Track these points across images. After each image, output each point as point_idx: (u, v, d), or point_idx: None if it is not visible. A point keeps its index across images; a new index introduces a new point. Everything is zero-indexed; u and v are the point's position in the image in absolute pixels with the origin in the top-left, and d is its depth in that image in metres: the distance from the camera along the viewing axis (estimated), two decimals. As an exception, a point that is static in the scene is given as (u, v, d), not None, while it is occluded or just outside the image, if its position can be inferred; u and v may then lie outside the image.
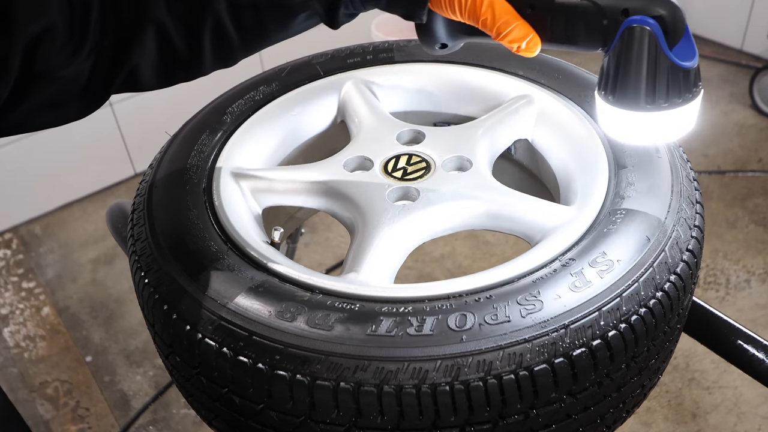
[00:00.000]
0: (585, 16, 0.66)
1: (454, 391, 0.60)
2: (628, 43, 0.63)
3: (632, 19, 0.63)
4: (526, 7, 0.69)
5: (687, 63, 0.64)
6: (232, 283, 0.70)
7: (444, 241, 2.36)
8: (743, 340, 0.83)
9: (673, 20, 0.62)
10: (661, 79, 0.63)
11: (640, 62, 0.63)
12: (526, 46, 0.69)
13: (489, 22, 0.68)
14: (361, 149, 0.91)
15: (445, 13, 0.70)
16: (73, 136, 2.59)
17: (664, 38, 0.62)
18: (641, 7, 0.63)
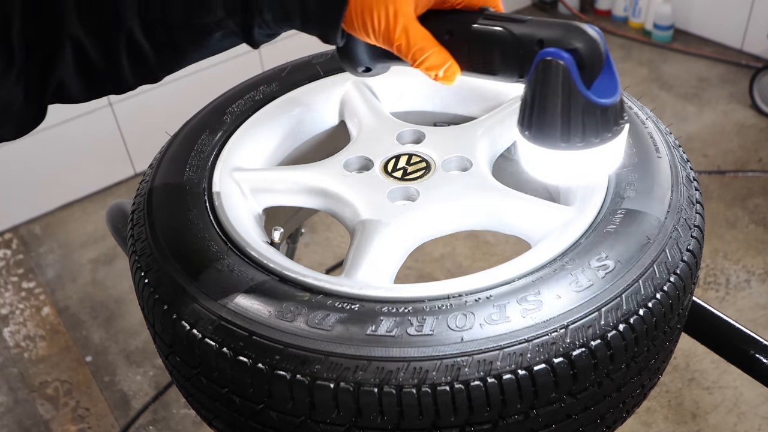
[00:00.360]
0: (501, 44, 0.63)
1: (454, 391, 0.60)
2: (541, 77, 0.59)
3: (546, 51, 0.58)
4: (444, 32, 0.65)
5: (605, 100, 0.59)
6: (232, 283, 0.70)
7: (444, 241, 2.36)
8: (743, 340, 0.83)
9: (590, 54, 0.58)
10: (575, 116, 0.59)
11: (553, 97, 0.59)
12: (443, 74, 0.66)
13: (404, 48, 0.64)
14: (361, 149, 0.91)
15: (361, 36, 0.66)
16: (73, 136, 2.60)
17: (580, 73, 0.58)
18: (556, 39, 0.59)
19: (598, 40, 0.59)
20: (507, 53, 0.62)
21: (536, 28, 0.61)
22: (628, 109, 0.86)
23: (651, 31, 3.37)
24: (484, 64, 0.65)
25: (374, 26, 0.63)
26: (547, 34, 0.60)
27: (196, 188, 0.84)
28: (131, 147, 2.75)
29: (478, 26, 0.64)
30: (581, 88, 0.58)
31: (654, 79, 3.12)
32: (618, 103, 0.60)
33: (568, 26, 0.60)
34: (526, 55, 0.60)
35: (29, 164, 2.56)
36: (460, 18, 0.65)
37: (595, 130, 0.60)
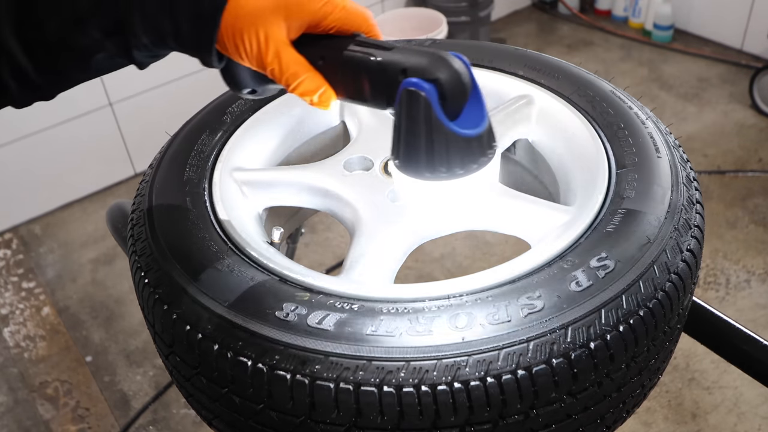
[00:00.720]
0: (368, 71, 0.62)
1: (453, 391, 0.60)
2: (404, 107, 0.58)
3: (408, 81, 0.58)
4: (318, 58, 0.64)
5: (468, 131, 0.58)
6: (232, 283, 0.70)
7: (444, 241, 2.36)
8: (743, 340, 0.83)
9: (452, 85, 0.57)
10: (438, 147, 0.58)
11: (416, 128, 0.58)
12: (318, 99, 0.65)
13: (277, 72, 0.64)
14: (361, 149, 0.91)
15: (236, 59, 0.65)
16: (74, 136, 2.60)
17: (442, 103, 0.57)
18: (419, 69, 0.58)
19: (462, 71, 0.58)
20: (374, 81, 0.62)
21: (401, 57, 0.60)
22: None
23: (651, 31, 3.37)
24: (355, 91, 0.64)
25: (246, 50, 0.63)
26: (411, 64, 0.58)
27: (196, 188, 0.84)
28: (131, 147, 2.75)
29: (348, 53, 0.63)
30: (442, 119, 0.57)
31: (654, 79, 3.12)
32: (484, 133, 0.60)
33: (432, 56, 0.59)
34: (392, 83, 0.60)
35: (29, 164, 2.56)
36: (332, 44, 0.64)
37: (459, 160, 0.60)
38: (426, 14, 3.02)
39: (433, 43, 1.05)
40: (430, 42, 1.06)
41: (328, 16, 0.64)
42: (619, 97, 0.91)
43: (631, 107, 0.89)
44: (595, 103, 0.91)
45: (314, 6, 0.63)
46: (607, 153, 0.84)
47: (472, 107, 0.59)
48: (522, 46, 1.06)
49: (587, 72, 0.97)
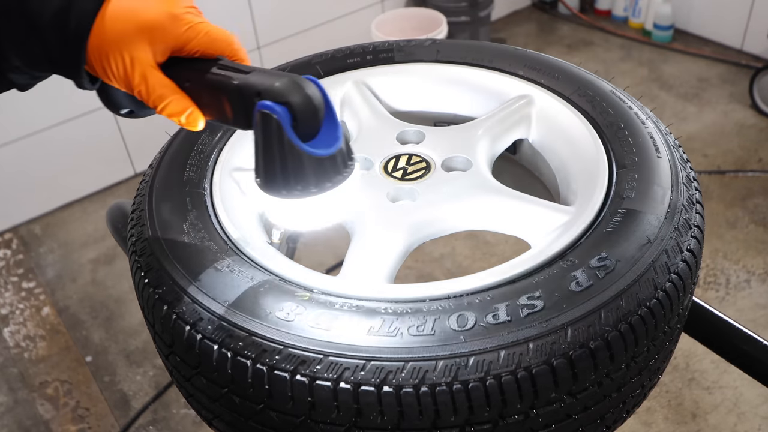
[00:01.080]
0: (227, 94, 0.64)
1: (453, 391, 0.60)
2: (259, 128, 0.61)
3: (262, 104, 0.60)
4: (185, 80, 0.66)
5: (321, 151, 0.61)
6: (232, 283, 0.70)
7: (444, 241, 2.36)
8: (743, 340, 0.83)
9: (303, 108, 0.60)
10: (292, 167, 0.61)
11: (270, 148, 0.61)
12: (186, 120, 0.67)
13: (144, 94, 0.66)
14: (361, 149, 0.91)
15: (107, 81, 0.67)
16: (73, 136, 2.60)
17: (295, 125, 0.60)
18: (272, 92, 0.60)
19: (313, 95, 0.61)
20: (233, 103, 0.64)
21: (257, 80, 0.62)
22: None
23: (651, 31, 3.37)
24: (219, 112, 0.66)
25: (114, 73, 0.65)
26: (265, 87, 0.61)
27: (196, 188, 0.84)
28: (131, 147, 2.75)
29: (210, 76, 0.65)
30: (294, 140, 0.60)
31: (654, 79, 3.12)
32: (338, 153, 0.62)
33: (285, 80, 0.61)
34: (248, 105, 0.62)
35: (29, 164, 2.56)
36: (197, 66, 0.66)
37: (314, 179, 0.62)
38: (426, 14, 3.02)
39: (433, 43, 1.05)
40: (430, 42, 1.06)
41: (191, 41, 0.66)
42: (619, 97, 0.91)
43: (631, 107, 0.89)
44: (595, 103, 0.91)
45: (177, 31, 0.65)
46: (607, 153, 0.84)
47: (327, 128, 0.62)
48: (522, 46, 1.06)
49: (587, 72, 0.97)
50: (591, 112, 0.90)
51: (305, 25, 3.01)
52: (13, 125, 2.48)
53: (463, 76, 1.01)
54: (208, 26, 0.67)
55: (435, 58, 1.03)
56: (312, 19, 3.02)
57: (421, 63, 1.03)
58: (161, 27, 0.65)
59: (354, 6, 3.12)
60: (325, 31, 3.07)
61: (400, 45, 1.06)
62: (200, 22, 0.67)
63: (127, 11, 0.64)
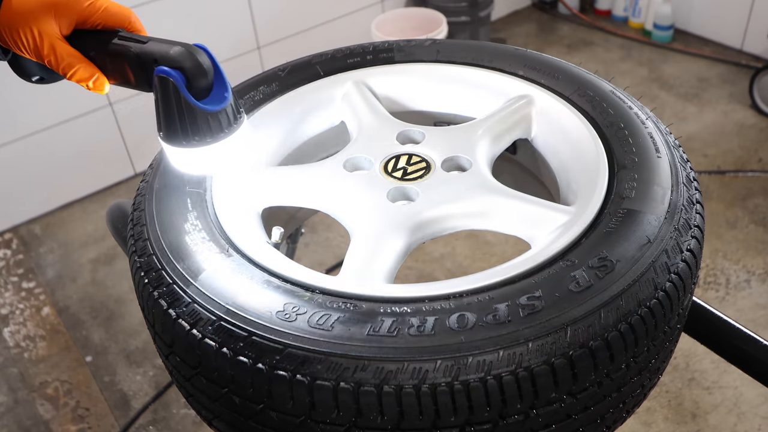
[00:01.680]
0: (128, 61, 0.74)
1: (453, 391, 0.60)
2: (158, 89, 0.70)
3: (159, 69, 0.70)
4: (90, 50, 0.76)
5: (212, 106, 0.71)
6: (232, 283, 0.70)
7: (444, 241, 2.36)
8: (743, 340, 0.83)
9: (196, 72, 0.70)
10: (189, 121, 0.71)
11: (169, 106, 0.70)
12: (93, 85, 0.76)
13: (54, 63, 0.75)
14: (361, 149, 0.91)
15: (19, 53, 0.76)
16: (73, 136, 2.60)
17: (189, 85, 0.70)
18: (167, 59, 0.70)
19: (203, 61, 0.71)
20: (134, 69, 0.74)
21: (154, 48, 0.72)
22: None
23: (651, 31, 3.37)
24: (122, 77, 0.76)
25: (24, 44, 0.74)
26: (160, 54, 0.71)
27: (196, 188, 0.84)
28: (131, 147, 2.75)
29: (111, 45, 0.75)
30: (189, 99, 0.70)
31: (654, 79, 3.12)
32: (228, 107, 0.73)
33: (179, 48, 0.71)
34: (148, 71, 0.72)
35: (29, 164, 2.56)
36: (99, 38, 0.76)
37: (208, 131, 0.72)
38: (426, 14, 3.02)
39: (433, 43, 1.05)
40: (430, 42, 1.06)
41: (93, 15, 0.76)
42: (619, 97, 0.91)
43: (631, 107, 0.89)
44: (595, 103, 0.91)
45: (80, 6, 0.75)
46: (607, 153, 0.84)
47: (217, 89, 0.72)
48: (522, 46, 1.06)
49: (587, 72, 0.97)
50: (591, 112, 0.90)
51: (305, 25, 3.01)
52: (13, 125, 2.47)
53: (463, 76, 1.01)
54: (106, 2, 0.76)
55: (435, 58, 1.03)
56: (312, 19, 3.02)
57: (421, 63, 1.03)
58: (65, 3, 0.74)
59: (354, 6, 3.11)
60: (325, 31, 3.07)
61: (400, 45, 1.06)
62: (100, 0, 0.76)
63: None
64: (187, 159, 0.75)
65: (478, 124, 0.95)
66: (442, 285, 0.69)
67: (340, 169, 0.88)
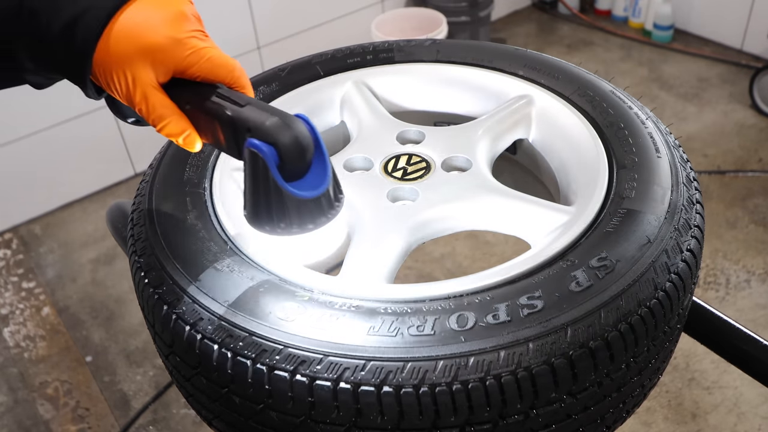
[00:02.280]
0: (221, 123, 0.65)
1: (453, 391, 0.60)
2: (247, 164, 0.62)
3: (250, 142, 0.61)
4: (185, 102, 0.68)
5: (306, 192, 0.62)
6: (232, 283, 0.70)
7: (444, 241, 2.36)
8: (743, 340, 0.83)
9: (291, 149, 0.60)
10: (276, 206, 0.62)
11: (256, 186, 0.62)
12: (183, 141, 0.69)
13: (144, 113, 0.68)
14: (361, 149, 0.91)
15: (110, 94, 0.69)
16: (73, 136, 2.60)
17: (282, 165, 0.60)
18: (260, 131, 0.61)
19: (302, 136, 0.61)
20: (225, 133, 0.65)
21: (249, 115, 0.63)
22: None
23: (651, 31, 3.37)
24: (214, 139, 0.67)
25: (117, 89, 0.67)
26: (255, 124, 0.61)
27: (196, 188, 0.84)
28: (131, 147, 2.75)
29: (207, 102, 0.66)
30: (279, 181, 0.61)
31: (654, 79, 3.12)
32: (323, 195, 0.63)
33: (276, 120, 0.61)
34: (239, 139, 0.63)
35: (29, 164, 2.56)
36: (197, 90, 0.67)
37: (297, 219, 0.63)
38: (426, 14, 3.02)
39: (433, 43, 1.05)
40: (430, 42, 1.06)
41: (193, 66, 0.67)
42: (619, 97, 0.91)
43: (631, 107, 0.89)
44: (595, 103, 0.91)
45: (180, 55, 0.67)
46: (607, 153, 0.84)
47: (315, 168, 0.63)
48: (522, 46, 1.06)
49: (587, 72, 0.97)
50: (591, 112, 0.90)
51: (305, 25, 3.01)
52: (13, 125, 2.47)
53: (463, 76, 1.01)
54: (211, 51, 0.68)
55: (435, 58, 1.03)
56: (312, 19, 3.02)
57: (421, 63, 1.03)
58: (163, 50, 0.66)
59: (354, 6, 3.11)
60: (325, 31, 3.07)
61: (400, 45, 1.06)
62: (204, 47, 0.67)
63: (131, 32, 0.65)
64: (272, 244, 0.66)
65: (478, 124, 0.95)
66: (442, 285, 0.69)
67: (340, 169, 0.88)
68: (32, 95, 2.48)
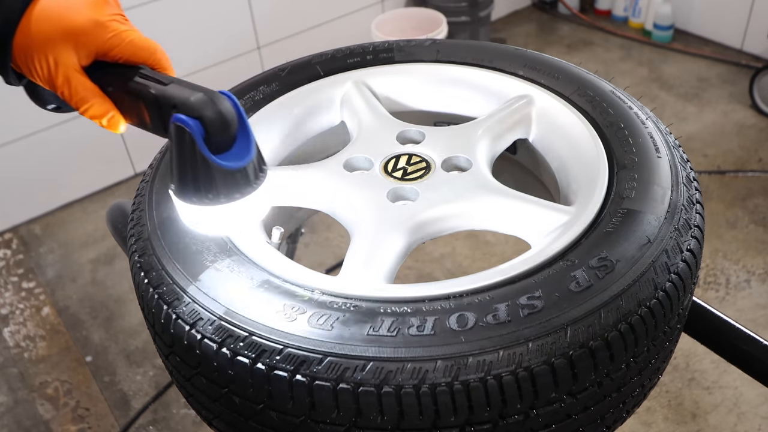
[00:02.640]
0: (146, 102, 0.67)
1: (453, 391, 0.60)
2: (174, 139, 0.63)
3: (176, 117, 0.62)
4: (108, 84, 0.69)
5: (232, 163, 0.63)
6: (232, 283, 0.70)
7: (444, 241, 2.36)
8: (743, 340, 0.83)
9: (216, 123, 0.62)
10: (203, 177, 0.63)
11: (183, 159, 0.63)
12: (107, 123, 0.70)
13: (67, 96, 0.68)
14: (361, 149, 0.91)
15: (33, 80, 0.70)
16: (73, 136, 2.60)
17: (206, 139, 0.62)
18: (186, 106, 0.63)
19: (226, 111, 0.63)
20: (151, 111, 0.67)
21: (174, 92, 0.65)
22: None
23: (651, 31, 3.37)
24: (139, 118, 0.69)
25: (38, 73, 0.67)
26: (180, 100, 0.63)
27: (196, 188, 0.83)
28: (131, 147, 2.75)
29: (131, 83, 0.68)
30: (206, 153, 0.62)
31: (654, 79, 3.12)
32: (249, 166, 0.65)
33: (201, 95, 0.63)
34: (165, 116, 0.65)
35: (29, 164, 2.56)
36: (119, 72, 0.69)
37: (224, 190, 0.65)
38: (426, 14, 3.02)
39: (433, 43, 1.05)
40: (430, 42, 1.06)
41: (115, 48, 0.68)
42: (619, 97, 0.91)
43: (631, 107, 0.89)
44: (595, 103, 0.91)
45: (102, 37, 0.67)
46: (607, 153, 0.84)
47: (240, 142, 0.65)
48: (522, 46, 1.06)
49: (587, 72, 0.97)
50: (591, 112, 0.90)
51: (305, 25, 3.01)
52: (13, 125, 2.47)
53: (463, 76, 1.01)
54: (132, 34, 0.69)
55: (435, 58, 1.03)
56: (312, 19, 3.02)
57: (421, 63, 1.03)
58: (86, 33, 0.67)
59: (354, 6, 3.11)
60: (325, 31, 3.07)
61: (400, 45, 1.06)
62: (125, 30, 0.69)
63: (53, 14, 0.66)
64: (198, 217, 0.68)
65: (478, 124, 0.95)
66: (442, 285, 0.69)
67: (340, 169, 0.88)
68: (32, 95, 2.48)
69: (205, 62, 2.76)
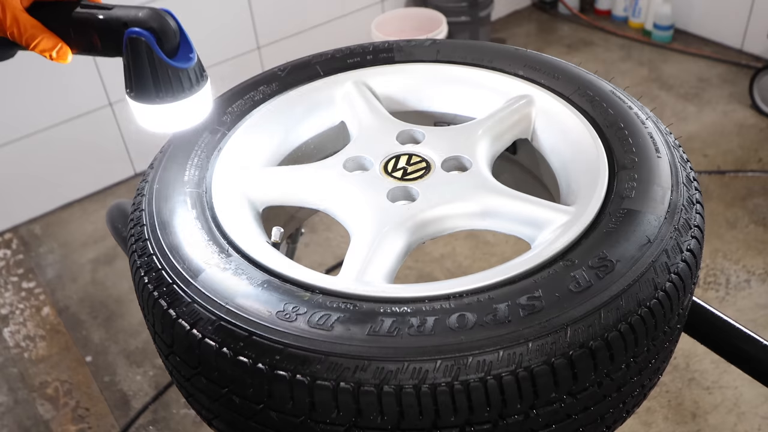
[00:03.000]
0: (96, 28, 0.76)
1: (453, 391, 0.60)
2: (131, 50, 0.74)
3: (131, 30, 0.73)
4: (52, 20, 0.78)
5: (182, 64, 0.75)
6: (232, 283, 0.70)
7: (444, 241, 2.36)
8: (743, 340, 0.83)
9: (166, 30, 0.74)
10: (162, 77, 0.75)
11: (140, 64, 0.74)
12: (56, 55, 0.77)
13: (17, 35, 0.76)
14: (361, 149, 0.91)
15: None
16: (74, 136, 2.60)
17: (159, 45, 0.73)
18: (137, 21, 0.74)
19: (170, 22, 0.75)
20: (102, 35, 0.77)
21: (121, 13, 0.75)
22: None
23: (651, 31, 3.37)
24: (88, 45, 0.78)
25: None
26: (129, 18, 0.74)
27: (197, 188, 0.84)
28: (131, 147, 2.75)
29: (76, 14, 0.77)
30: (161, 56, 0.74)
31: (654, 79, 3.12)
32: (195, 65, 0.77)
33: (148, 10, 0.74)
34: (117, 35, 0.75)
35: (29, 164, 2.56)
36: (62, 8, 0.78)
37: (179, 87, 0.76)
38: (426, 14, 3.02)
39: (433, 43, 1.05)
40: (430, 42, 1.06)
41: None
42: (619, 97, 0.91)
43: (631, 107, 0.89)
44: (595, 103, 0.91)
45: None
46: (607, 153, 0.84)
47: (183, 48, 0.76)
48: (522, 46, 1.06)
49: (587, 72, 0.97)
50: (591, 112, 0.90)
51: (305, 25, 3.01)
52: (13, 125, 2.47)
53: (463, 76, 1.01)
54: None
55: (435, 58, 1.03)
56: (312, 19, 3.02)
57: (421, 63, 1.03)
58: None
59: (354, 6, 3.11)
60: (325, 31, 3.07)
61: (400, 45, 1.06)
62: None
63: None
64: (155, 116, 0.77)
65: (478, 124, 0.95)
66: (442, 285, 0.69)
67: (340, 169, 0.88)
68: (33, 95, 2.48)
69: (205, 62, 2.74)
